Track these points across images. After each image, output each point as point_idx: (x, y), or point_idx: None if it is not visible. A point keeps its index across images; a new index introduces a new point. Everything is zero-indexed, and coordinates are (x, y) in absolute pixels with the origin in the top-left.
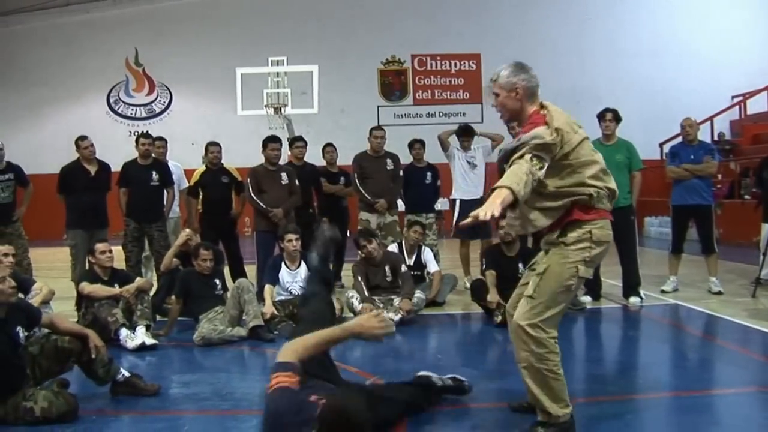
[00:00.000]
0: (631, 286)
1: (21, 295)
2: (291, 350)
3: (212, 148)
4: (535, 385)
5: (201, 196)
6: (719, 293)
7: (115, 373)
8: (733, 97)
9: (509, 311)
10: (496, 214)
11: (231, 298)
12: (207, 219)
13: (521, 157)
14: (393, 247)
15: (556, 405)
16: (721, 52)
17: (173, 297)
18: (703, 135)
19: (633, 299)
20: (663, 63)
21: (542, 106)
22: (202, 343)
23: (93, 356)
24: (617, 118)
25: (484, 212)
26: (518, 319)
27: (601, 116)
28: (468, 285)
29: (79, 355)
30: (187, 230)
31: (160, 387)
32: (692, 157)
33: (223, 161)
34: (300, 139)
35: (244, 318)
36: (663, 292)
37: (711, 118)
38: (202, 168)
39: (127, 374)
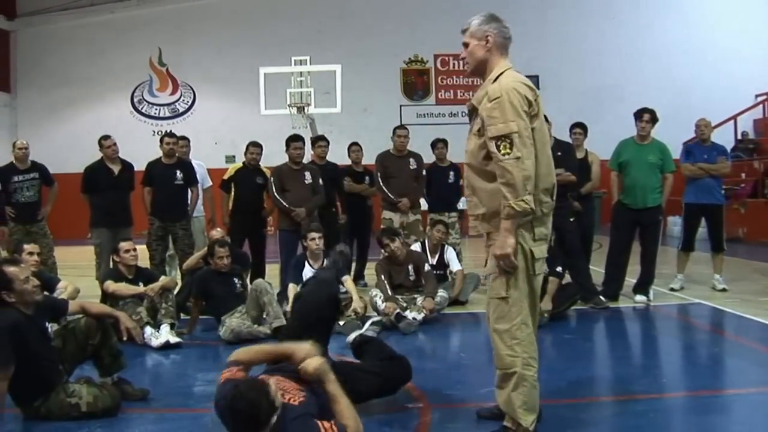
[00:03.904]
0: (641, 283)
1: (46, 293)
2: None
3: (252, 149)
4: (515, 393)
5: (233, 193)
6: (723, 290)
7: (120, 367)
8: (756, 96)
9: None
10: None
11: (250, 300)
12: (237, 216)
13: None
14: (416, 246)
15: (529, 416)
16: (745, 51)
17: (192, 297)
18: (727, 134)
19: (639, 297)
20: (686, 62)
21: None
22: (231, 337)
23: (124, 338)
24: (654, 119)
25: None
26: (499, 322)
27: (638, 116)
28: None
29: (96, 335)
30: (218, 229)
31: (149, 392)
32: (705, 156)
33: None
34: (322, 138)
35: (264, 318)
36: (672, 289)
37: (734, 117)
38: (239, 165)
39: (115, 378)
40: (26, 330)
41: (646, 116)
